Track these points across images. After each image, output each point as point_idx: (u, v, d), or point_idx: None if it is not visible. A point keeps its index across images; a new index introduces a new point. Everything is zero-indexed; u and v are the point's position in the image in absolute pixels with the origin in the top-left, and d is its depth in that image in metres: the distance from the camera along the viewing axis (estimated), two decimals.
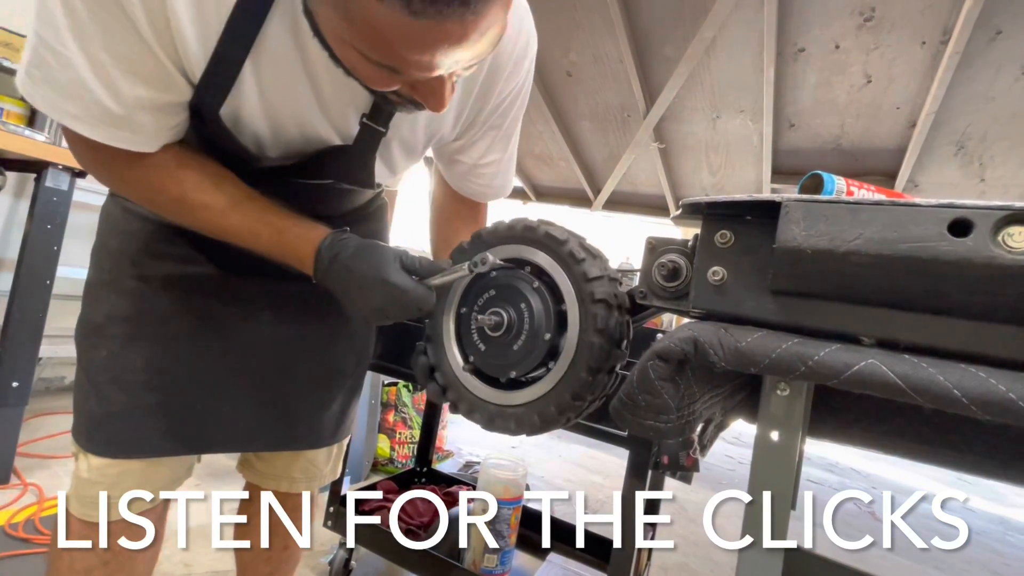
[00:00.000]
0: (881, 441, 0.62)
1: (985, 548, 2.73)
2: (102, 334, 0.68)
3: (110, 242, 0.71)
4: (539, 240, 0.58)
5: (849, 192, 0.48)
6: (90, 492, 0.67)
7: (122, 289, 0.68)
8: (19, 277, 1.52)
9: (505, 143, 0.81)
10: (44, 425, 2.01)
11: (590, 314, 0.53)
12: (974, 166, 2.57)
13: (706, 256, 0.45)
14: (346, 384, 0.85)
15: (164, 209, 0.63)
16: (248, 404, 0.75)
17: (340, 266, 0.60)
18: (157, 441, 0.69)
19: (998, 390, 0.31)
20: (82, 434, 0.68)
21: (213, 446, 0.74)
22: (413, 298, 0.59)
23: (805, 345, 0.38)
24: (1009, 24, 1.96)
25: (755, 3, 2.20)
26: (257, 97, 0.58)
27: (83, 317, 0.71)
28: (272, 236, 0.61)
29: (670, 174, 3.39)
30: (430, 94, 0.52)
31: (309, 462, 0.87)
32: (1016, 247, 0.30)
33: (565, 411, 0.55)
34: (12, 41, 1.95)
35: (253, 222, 0.61)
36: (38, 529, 1.39)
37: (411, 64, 0.45)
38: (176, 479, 0.75)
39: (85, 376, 0.69)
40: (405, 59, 0.45)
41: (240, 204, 0.61)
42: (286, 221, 0.62)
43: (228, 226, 0.61)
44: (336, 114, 0.63)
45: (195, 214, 0.61)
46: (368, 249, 0.61)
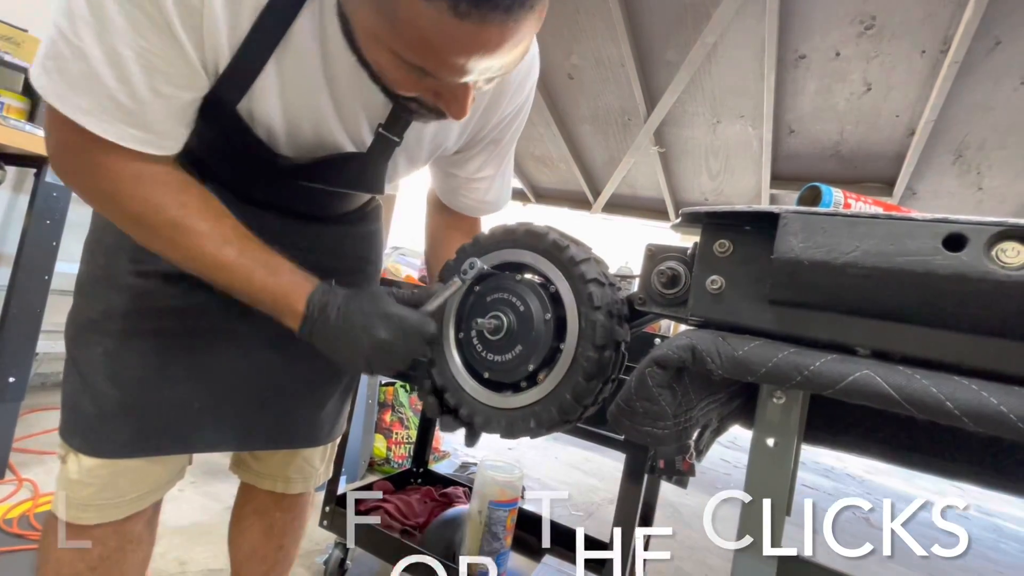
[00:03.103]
0: (876, 448, 0.63)
1: (979, 556, 2.74)
2: (98, 330, 0.67)
3: (105, 237, 0.69)
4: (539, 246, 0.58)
5: (847, 205, 0.49)
6: (81, 494, 0.66)
7: (119, 285, 0.67)
8: (17, 272, 1.52)
9: (500, 160, 0.82)
10: (40, 420, 2.00)
11: (589, 320, 0.54)
12: (972, 175, 2.59)
13: (705, 265, 0.45)
14: (343, 382, 0.86)
15: (153, 232, 0.58)
16: (246, 402, 0.74)
17: (333, 311, 0.58)
18: (154, 440, 0.68)
19: (990, 403, 0.32)
20: (74, 434, 0.66)
21: (210, 445, 0.74)
22: (415, 325, 0.58)
23: (801, 355, 0.38)
24: (1008, 34, 1.97)
25: (757, 10, 2.21)
26: (277, 95, 0.58)
27: (76, 313, 0.69)
28: (266, 278, 0.59)
29: (670, 178, 3.40)
30: (453, 101, 0.53)
31: (305, 461, 0.87)
32: (1009, 262, 0.31)
33: (567, 413, 0.55)
34: (14, 35, 1.94)
35: (249, 260, 0.58)
36: (33, 525, 1.38)
37: (446, 67, 0.47)
38: (170, 480, 0.74)
39: (78, 374, 0.67)
40: (442, 61, 0.46)
41: (238, 241, 0.58)
42: (281, 265, 0.60)
43: (222, 261, 0.58)
44: (351, 121, 0.63)
45: (189, 241, 0.57)
46: (358, 292, 0.60)
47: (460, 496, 1.62)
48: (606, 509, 2.41)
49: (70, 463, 0.67)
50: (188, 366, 0.70)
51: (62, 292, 1.68)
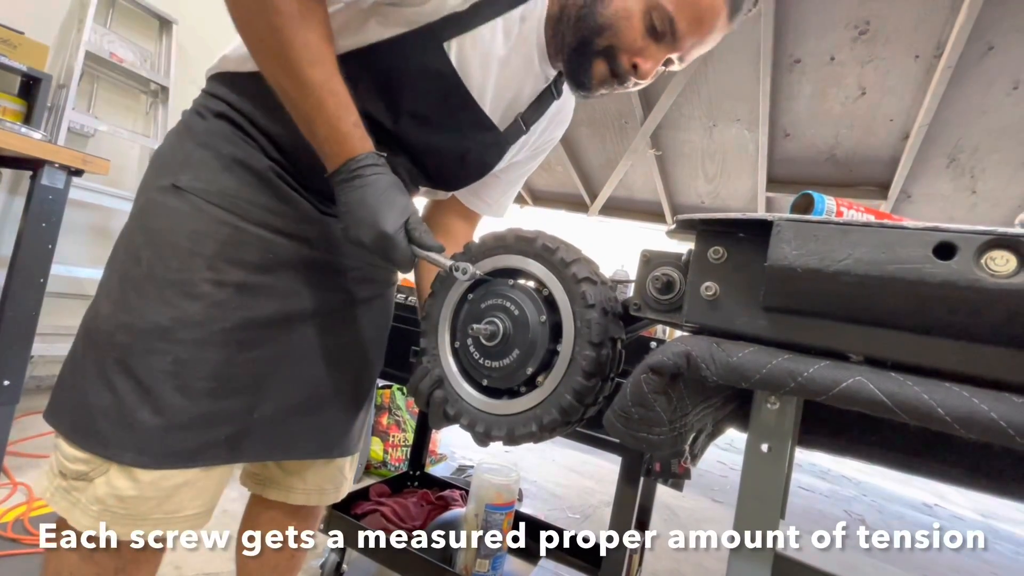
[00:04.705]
0: (871, 452, 0.63)
1: (973, 557, 2.75)
2: (168, 339, 0.63)
3: (179, 240, 0.64)
4: (535, 251, 0.59)
5: (839, 212, 0.49)
6: (140, 508, 0.63)
7: (194, 293, 0.64)
8: (13, 275, 1.51)
9: (519, 171, 0.89)
10: (35, 424, 1.99)
11: (584, 319, 0.54)
12: (966, 178, 2.61)
13: (699, 271, 0.45)
14: (371, 393, 0.88)
15: (267, 23, 0.57)
16: (293, 411, 0.75)
17: (355, 187, 0.61)
18: (214, 450, 0.67)
19: (980, 409, 0.32)
20: (126, 448, 0.61)
21: (261, 455, 0.73)
22: (395, 256, 0.61)
23: (795, 361, 0.38)
24: (1001, 40, 1.99)
25: (752, 15, 2.22)
26: (484, 52, 0.66)
27: (130, 319, 0.63)
28: (335, 110, 0.60)
29: (666, 181, 3.41)
30: (643, 64, 0.67)
31: (338, 470, 0.87)
32: (998, 271, 0.31)
33: (568, 413, 0.56)
34: (11, 38, 1.94)
35: (331, 88, 0.59)
36: (27, 529, 1.38)
37: (685, 27, 0.65)
38: (220, 490, 0.73)
39: (134, 383, 0.62)
40: (698, 19, 0.65)
41: (330, 68, 0.60)
42: (352, 110, 0.61)
43: (307, 77, 0.58)
44: (504, 100, 0.73)
45: (294, 42, 0.57)
46: (386, 192, 0.61)
47: (457, 499, 1.62)
48: (603, 512, 2.41)
49: (117, 479, 0.62)
50: (250, 377, 0.69)
51: (58, 295, 1.68)
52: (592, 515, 2.36)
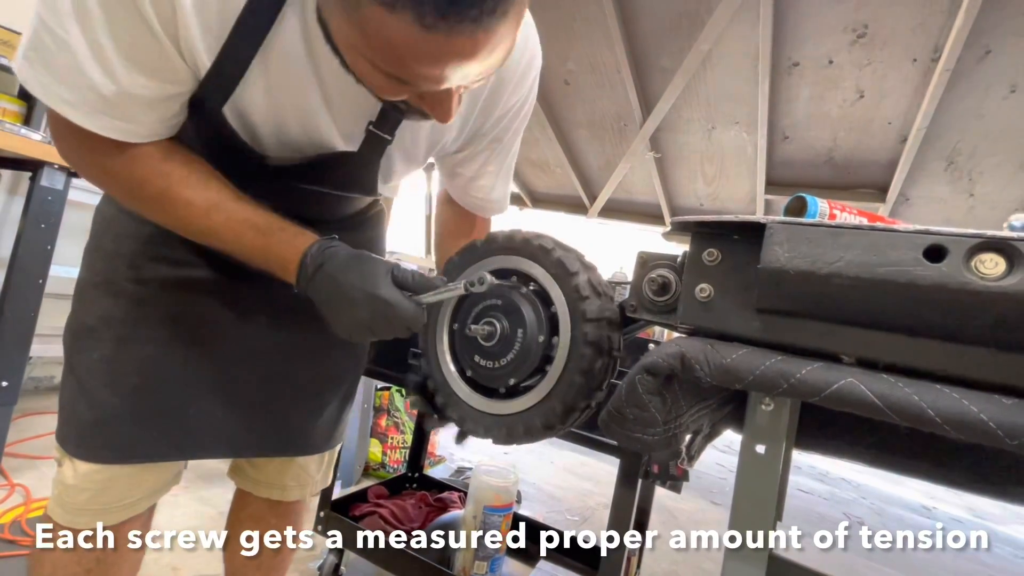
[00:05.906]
0: (867, 454, 0.63)
1: (971, 559, 2.75)
2: (94, 336, 0.67)
3: (104, 243, 0.69)
4: (534, 253, 0.59)
5: (832, 216, 0.49)
6: (76, 499, 0.66)
7: (117, 291, 0.67)
8: (11, 275, 1.51)
9: (503, 156, 0.82)
10: (33, 425, 1.99)
11: (581, 319, 0.54)
12: (964, 181, 2.61)
13: (694, 273, 0.46)
14: (341, 391, 0.86)
15: (146, 205, 0.59)
16: (241, 409, 0.75)
17: (326, 276, 0.57)
18: (149, 446, 0.68)
19: (970, 411, 0.32)
20: (69, 439, 0.67)
21: (204, 451, 0.74)
22: (403, 315, 0.56)
23: (788, 363, 0.39)
24: (998, 43, 2.00)
25: (751, 17, 2.23)
26: (263, 95, 0.58)
27: (73, 318, 0.69)
28: (255, 240, 0.59)
29: (665, 183, 3.41)
30: (437, 105, 0.52)
31: (301, 468, 0.87)
32: (987, 273, 0.32)
33: (564, 414, 0.56)
34: (9, 39, 1.94)
35: (237, 223, 0.58)
36: (25, 531, 1.37)
37: (420, 77, 0.46)
38: (163, 485, 0.75)
39: (75, 379, 0.67)
40: (415, 72, 0.45)
41: (225, 204, 0.58)
42: (272, 225, 0.59)
43: (211, 226, 0.58)
44: (343, 119, 0.63)
45: (177, 211, 0.57)
46: (358, 260, 0.58)
47: (455, 501, 1.62)
48: (601, 514, 2.41)
49: (66, 468, 0.67)
50: (184, 374, 0.70)
51: (57, 296, 1.67)
52: (591, 517, 2.35)
